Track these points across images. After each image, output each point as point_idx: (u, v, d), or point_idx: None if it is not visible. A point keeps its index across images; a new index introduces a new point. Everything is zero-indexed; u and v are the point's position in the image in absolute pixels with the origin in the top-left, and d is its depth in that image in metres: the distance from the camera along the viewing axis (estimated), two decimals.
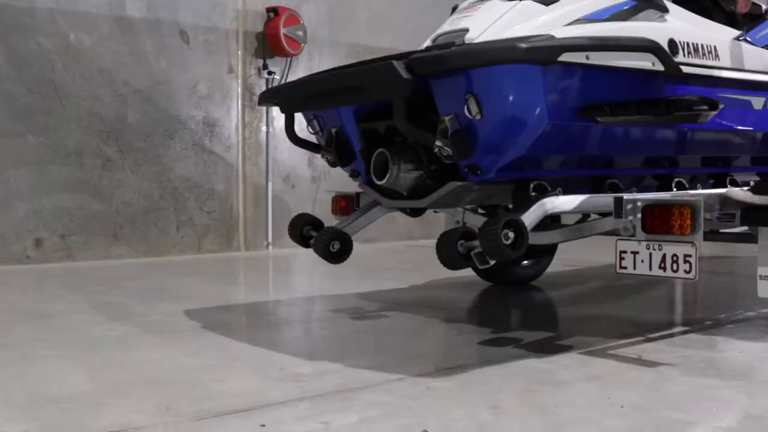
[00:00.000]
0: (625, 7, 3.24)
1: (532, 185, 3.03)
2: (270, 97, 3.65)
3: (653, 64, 2.96)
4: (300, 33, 6.83)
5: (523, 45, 2.63)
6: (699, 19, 3.60)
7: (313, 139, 3.62)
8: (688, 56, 3.14)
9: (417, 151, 3.02)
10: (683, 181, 3.57)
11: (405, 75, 2.73)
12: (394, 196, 3.24)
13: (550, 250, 4.82)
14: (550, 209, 2.93)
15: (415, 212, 3.50)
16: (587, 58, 2.76)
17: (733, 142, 3.71)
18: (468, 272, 3.11)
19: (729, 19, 3.92)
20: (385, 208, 3.56)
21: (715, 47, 3.30)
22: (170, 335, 3.35)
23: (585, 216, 3.56)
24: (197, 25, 6.44)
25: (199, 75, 6.46)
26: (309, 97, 3.32)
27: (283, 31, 6.70)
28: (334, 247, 3.40)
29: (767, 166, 3.90)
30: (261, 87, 6.69)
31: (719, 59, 3.30)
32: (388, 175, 3.01)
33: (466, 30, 3.07)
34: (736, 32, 3.76)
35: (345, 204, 3.89)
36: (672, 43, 3.08)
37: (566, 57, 2.69)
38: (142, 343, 3.18)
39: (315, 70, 6.61)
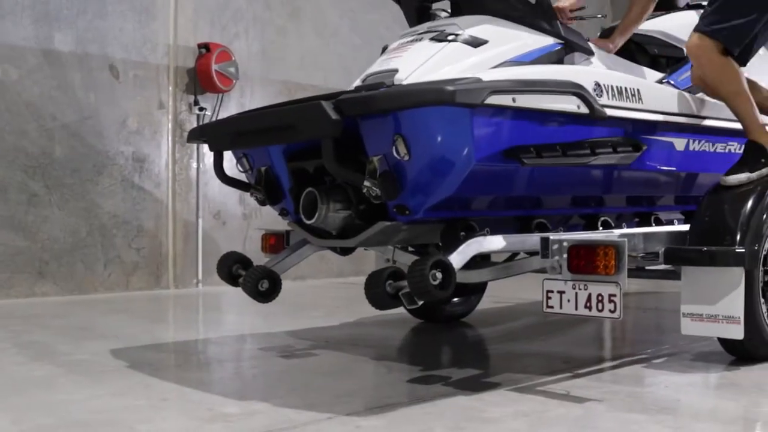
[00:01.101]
0: (551, 51, 3.31)
1: (460, 225, 3.06)
2: (198, 134, 3.63)
3: (578, 107, 3.02)
4: (232, 69, 6.82)
5: (451, 87, 2.65)
6: (623, 62, 3.69)
7: (242, 177, 3.60)
8: (613, 99, 3.20)
9: (346, 191, 3.02)
10: (609, 220, 3.64)
11: (333, 115, 2.74)
12: (323, 235, 3.24)
13: (480, 288, 4.85)
14: (478, 249, 2.96)
15: (345, 251, 3.50)
16: (514, 100, 2.80)
17: (657, 182, 3.79)
18: (399, 309, 3.12)
19: (652, 62, 4.03)
20: (314, 247, 3.55)
21: (638, 90, 3.37)
22: (96, 375, 3.27)
23: (514, 254, 3.60)
24: (127, 60, 6.38)
25: (128, 110, 6.39)
26: (238, 135, 3.31)
27: (214, 67, 6.67)
28: (263, 285, 3.38)
29: (690, 206, 3.98)
30: (192, 123, 6.65)
31: (643, 102, 3.37)
32: (316, 215, 3.01)
33: (396, 70, 3.10)
34: (659, 75, 3.86)
35: (275, 242, 3.87)
36: (597, 86, 3.15)
37: (493, 99, 2.73)
38: (66, 384, 3.10)
39: (247, 107, 6.62)
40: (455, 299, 4.74)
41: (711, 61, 3.50)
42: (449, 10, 3.57)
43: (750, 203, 3.37)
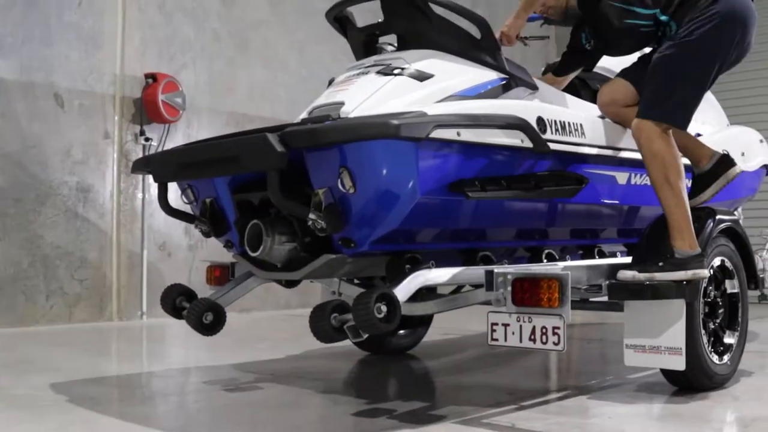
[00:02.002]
0: (496, 85, 3.35)
1: (405, 258, 3.07)
2: (143, 165, 3.60)
3: (522, 141, 3.06)
4: (179, 100, 6.78)
5: (395, 121, 2.67)
6: (567, 96, 3.75)
7: (187, 208, 3.57)
8: (556, 133, 3.25)
9: (291, 224, 3.02)
10: (553, 252, 3.68)
11: (279, 148, 2.73)
12: (268, 267, 3.22)
13: (426, 320, 4.86)
14: (423, 282, 2.97)
15: (290, 284, 3.49)
16: (458, 134, 2.83)
17: (600, 215, 3.84)
18: (346, 342, 3.11)
19: (595, 96, 4.09)
20: (260, 279, 3.53)
21: (581, 125, 3.42)
22: (36, 410, 3.20)
23: (460, 287, 3.61)
24: (73, 89, 6.31)
25: (73, 140, 6.31)
26: (182, 166, 3.29)
27: (161, 97, 6.63)
28: (207, 318, 3.35)
29: (633, 238, 4.04)
30: (138, 153, 6.59)
31: (585, 136, 3.43)
32: (261, 247, 3.00)
33: (342, 103, 3.11)
34: None
35: (220, 274, 3.84)
36: (540, 120, 3.19)
37: (438, 133, 2.75)
38: (4, 420, 3.03)
39: (193, 138, 6.58)
40: (402, 331, 4.74)
41: (649, 141, 3.36)
42: (396, 44, 3.61)
43: None
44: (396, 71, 3.20)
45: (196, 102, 7.08)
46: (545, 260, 3.61)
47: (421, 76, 3.18)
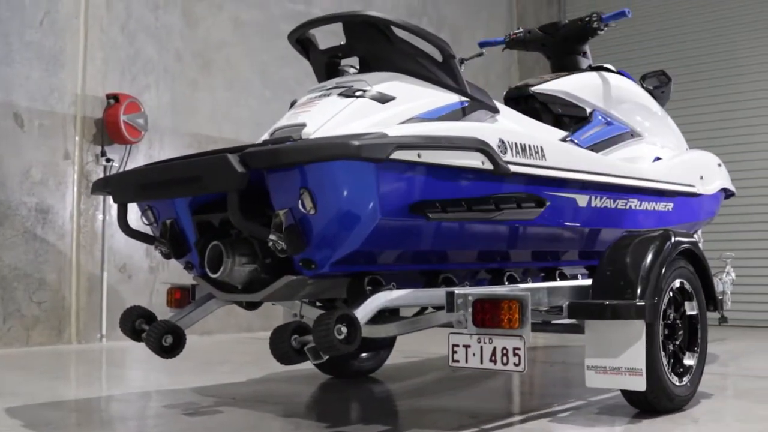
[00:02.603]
0: (457, 108, 3.37)
1: (366, 279, 3.07)
2: (103, 186, 3.56)
3: (483, 163, 3.07)
4: (141, 121, 6.74)
5: (356, 142, 2.67)
6: (528, 120, 3.78)
7: (147, 230, 3.54)
8: (517, 156, 3.27)
9: (252, 245, 3.00)
10: (515, 274, 3.69)
11: (239, 168, 2.73)
12: (229, 289, 3.20)
13: (389, 342, 4.84)
14: (383, 303, 2.98)
15: (251, 305, 3.46)
16: (419, 156, 2.84)
17: (561, 238, 3.86)
18: (307, 365, 3.09)
19: (556, 120, 4.14)
20: (220, 301, 3.50)
21: (542, 147, 3.45)
22: None
23: (423, 309, 3.61)
24: (33, 109, 6.25)
25: (32, 160, 6.24)
26: (142, 187, 3.26)
27: (123, 118, 6.59)
28: (166, 341, 3.31)
29: (593, 260, 4.07)
30: (98, 174, 6.53)
31: (546, 159, 3.45)
32: (222, 269, 2.98)
33: (304, 125, 3.11)
34: (562, 133, 3.96)
35: (180, 296, 3.81)
36: (501, 142, 3.21)
37: (398, 155, 2.76)
38: None
39: (155, 159, 6.53)
40: (364, 354, 4.72)
41: None
42: (358, 67, 3.61)
43: (650, 257, 3.46)
44: (358, 93, 3.21)
45: (158, 123, 7.04)
46: (506, 282, 3.62)
47: (383, 99, 3.19)
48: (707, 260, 3.94)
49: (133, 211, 3.48)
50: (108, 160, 6.63)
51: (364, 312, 2.87)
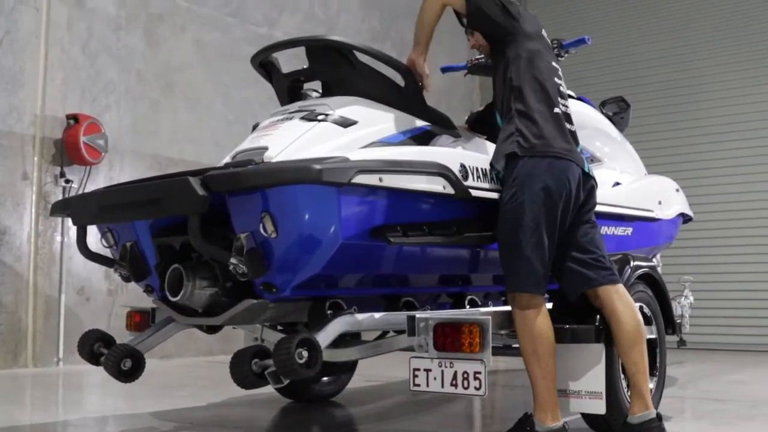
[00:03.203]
0: (419, 132, 3.39)
1: (327, 303, 3.07)
2: (62, 207, 3.53)
3: (444, 188, 3.09)
4: (101, 142, 6.68)
5: (318, 166, 2.68)
6: (489, 145, 3.79)
7: (107, 252, 3.51)
8: (478, 180, 3.28)
9: (212, 268, 2.98)
10: (476, 298, 3.70)
11: (200, 191, 2.72)
12: (189, 312, 3.17)
13: (350, 366, 4.83)
14: (345, 327, 2.98)
15: (211, 329, 3.44)
16: (380, 180, 2.85)
17: None
18: (269, 389, 3.07)
19: None
20: (180, 325, 3.48)
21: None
22: None
23: (384, 332, 3.61)
24: None
25: None
26: (102, 209, 3.23)
27: (83, 138, 6.52)
28: (125, 365, 3.28)
29: (554, 284, 4.09)
30: (57, 195, 6.45)
31: None
32: (182, 292, 2.96)
33: (266, 148, 3.11)
34: None
35: (140, 319, 3.77)
36: (462, 167, 3.22)
37: (360, 179, 2.76)
38: None
39: (115, 180, 6.48)
40: (325, 378, 4.69)
41: (522, 312, 3.21)
42: (320, 90, 3.62)
43: None
44: (320, 117, 3.21)
45: (118, 144, 6.98)
46: (468, 306, 3.63)
47: (345, 123, 3.20)
48: (666, 284, 3.99)
49: (93, 233, 3.45)
50: (67, 181, 6.56)
51: (325, 336, 2.87)
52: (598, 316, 3.37)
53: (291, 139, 3.12)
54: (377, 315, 3.11)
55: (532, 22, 3.51)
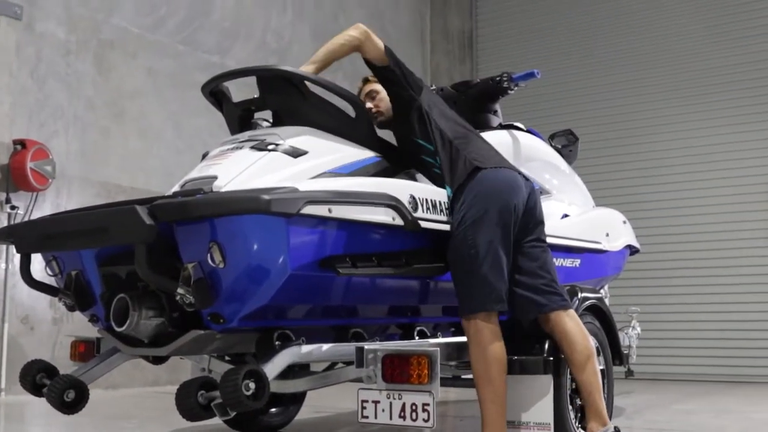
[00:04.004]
0: (370, 163, 3.40)
1: (275, 334, 3.04)
2: (6, 235, 3.46)
3: (393, 219, 3.10)
4: (48, 168, 6.59)
5: (267, 196, 2.67)
6: None
7: (52, 281, 3.45)
8: (427, 212, 3.30)
9: (159, 298, 2.94)
10: (425, 329, 3.70)
11: (148, 220, 2.69)
12: (135, 343, 3.13)
13: (298, 397, 4.78)
14: (293, 359, 2.96)
15: (158, 360, 3.39)
16: (330, 211, 2.85)
17: None
18: (215, 420, 3.02)
19: None
20: (126, 355, 3.42)
21: None
22: None
23: (333, 364, 3.59)
24: None
25: None
26: (47, 237, 3.18)
27: (30, 165, 6.43)
28: (68, 396, 3.21)
29: (503, 315, 4.10)
30: (2, 222, 6.34)
31: None
32: (128, 322, 2.91)
33: (215, 177, 3.09)
34: None
35: (84, 349, 3.70)
36: (412, 198, 3.24)
37: (309, 210, 2.76)
38: None
39: (63, 208, 6.39)
40: (273, 409, 4.64)
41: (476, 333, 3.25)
42: (271, 120, 3.62)
43: None
44: (270, 147, 3.21)
45: (66, 171, 6.90)
46: (417, 337, 3.63)
47: (295, 153, 3.20)
48: (613, 315, 4.03)
49: (38, 261, 3.40)
50: (13, 208, 6.45)
51: (273, 367, 2.85)
52: (546, 347, 3.40)
53: (240, 169, 3.11)
54: (326, 346, 3.10)
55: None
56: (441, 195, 3.46)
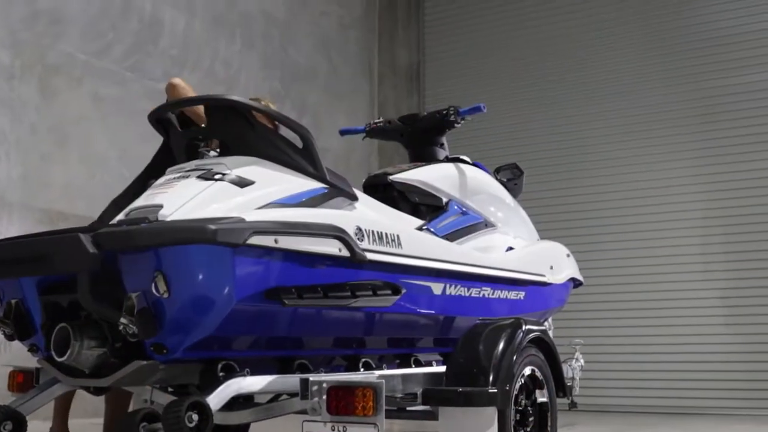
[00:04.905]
0: (317, 194, 3.39)
1: (220, 365, 3.02)
2: None
3: (340, 250, 3.10)
4: None
5: (213, 226, 2.66)
6: (386, 208, 3.84)
7: None
8: (374, 243, 3.31)
9: (101, 328, 2.91)
10: (370, 361, 3.70)
11: (91, 249, 2.67)
12: (76, 373, 3.07)
13: (242, 429, 4.73)
14: (237, 390, 2.93)
15: (99, 391, 3.34)
16: (276, 241, 2.85)
17: (417, 325, 3.91)
18: None
19: (413, 209, 4.22)
20: (66, 386, 3.36)
21: (398, 235, 3.50)
22: None
23: (277, 395, 3.56)
24: None
25: None
26: None
27: None
28: (6, 428, 3.15)
29: (448, 347, 4.12)
30: None
31: (402, 247, 3.51)
32: (69, 352, 2.87)
33: (160, 206, 3.06)
34: (419, 222, 4.04)
35: (23, 380, 3.62)
36: (359, 230, 3.25)
37: (256, 240, 2.76)
38: None
39: (3, 235, 6.26)
40: None
41: None
42: (218, 149, 3.61)
43: (502, 345, 3.54)
44: (217, 176, 3.19)
45: (7, 196, 6.78)
46: (362, 369, 3.62)
47: (242, 183, 3.18)
48: (557, 347, 4.06)
49: None
50: None
51: (216, 399, 2.81)
52: (490, 378, 3.41)
53: (186, 198, 3.08)
54: (270, 377, 3.07)
55: None
56: (388, 226, 3.48)
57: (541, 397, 3.85)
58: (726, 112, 8.92)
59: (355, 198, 3.59)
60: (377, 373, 3.46)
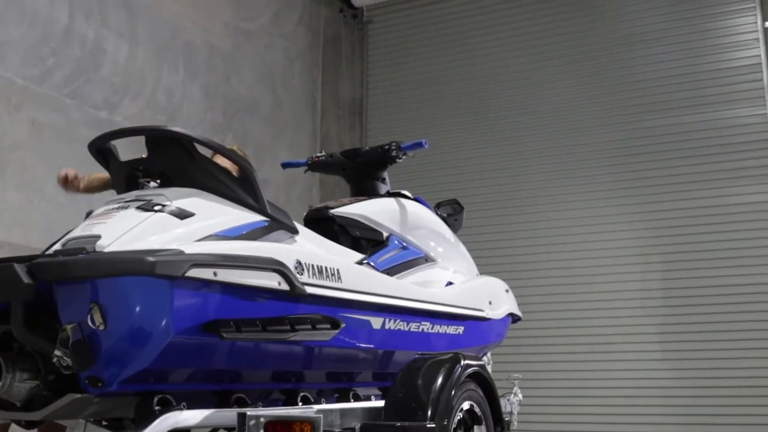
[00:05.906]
0: (257, 227, 3.38)
1: (156, 399, 2.97)
2: None
3: (279, 284, 3.10)
4: None
5: (151, 258, 2.64)
6: (326, 242, 3.84)
7: None
8: (313, 277, 3.31)
9: (34, 360, 2.86)
10: (309, 395, 3.68)
11: (25, 279, 2.63)
12: (7, 406, 3.00)
13: None
14: (173, 424, 2.89)
15: (30, 424, 3.28)
16: (215, 274, 2.83)
17: (356, 359, 3.91)
18: None
19: (354, 243, 4.23)
20: None
21: (338, 270, 3.51)
22: None
23: (215, 430, 3.52)
24: None
25: None
26: None
27: None
28: None
29: (387, 382, 4.13)
30: None
31: (342, 281, 3.51)
32: (0, 384, 2.81)
33: (98, 237, 3.03)
34: (359, 256, 4.05)
35: None
36: (298, 264, 3.25)
37: (194, 272, 2.74)
38: None
39: None
40: None
41: None
42: (158, 181, 3.58)
43: (440, 380, 3.56)
44: (156, 208, 3.16)
45: None
46: (300, 403, 3.60)
47: (182, 214, 3.16)
48: (495, 382, 4.09)
49: None
50: None
51: None
52: (429, 413, 3.42)
53: (125, 229, 3.05)
54: (207, 412, 3.04)
55: None
56: (328, 260, 3.48)
57: None
58: (664, 152, 9.09)
59: (295, 231, 3.59)
60: (315, 407, 3.44)
